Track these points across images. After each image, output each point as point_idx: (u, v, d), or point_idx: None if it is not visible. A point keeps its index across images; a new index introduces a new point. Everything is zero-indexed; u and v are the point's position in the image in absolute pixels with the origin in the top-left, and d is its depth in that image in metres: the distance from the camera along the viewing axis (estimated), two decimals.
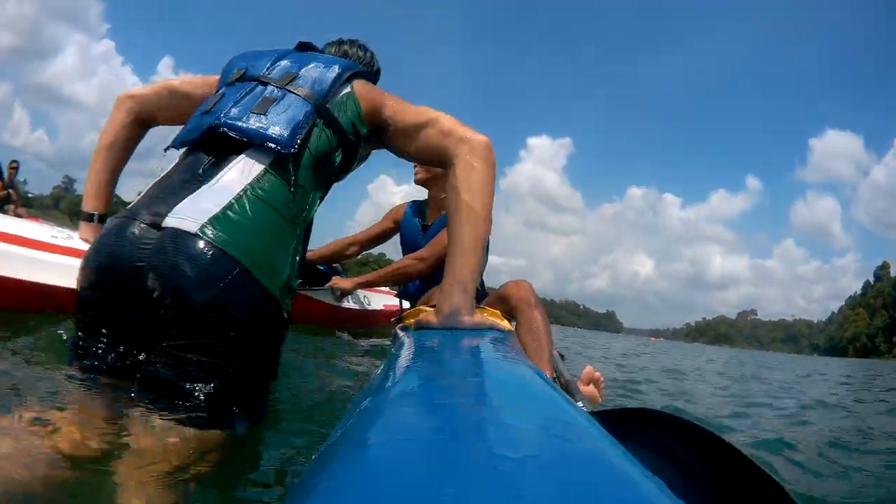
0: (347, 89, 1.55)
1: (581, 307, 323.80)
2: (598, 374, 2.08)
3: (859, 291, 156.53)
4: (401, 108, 1.55)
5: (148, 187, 1.37)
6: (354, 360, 2.38)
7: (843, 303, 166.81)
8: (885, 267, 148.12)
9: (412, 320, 1.30)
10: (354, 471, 0.35)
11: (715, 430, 0.57)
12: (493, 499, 0.29)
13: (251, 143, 1.36)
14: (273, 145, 1.36)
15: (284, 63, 1.56)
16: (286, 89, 1.48)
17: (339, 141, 1.53)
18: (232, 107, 1.43)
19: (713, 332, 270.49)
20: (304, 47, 1.69)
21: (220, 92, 1.53)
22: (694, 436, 0.59)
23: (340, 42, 1.91)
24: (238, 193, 1.27)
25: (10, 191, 10.88)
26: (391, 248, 3.16)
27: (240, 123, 1.38)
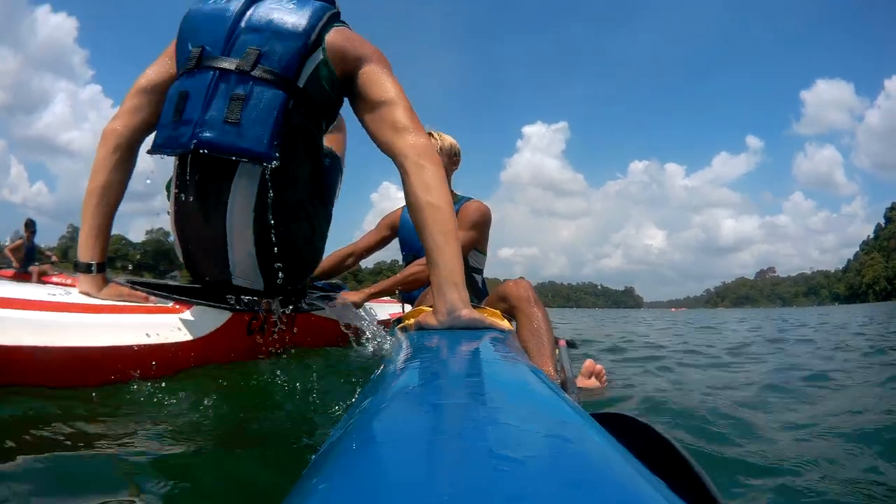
0: (319, 57, 1.53)
1: (599, 287, 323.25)
2: (599, 366, 2.07)
3: (872, 235, 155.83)
4: (369, 78, 1.54)
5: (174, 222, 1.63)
6: (355, 361, 2.38)
7: (858, 248, 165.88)
8: (894, 208, 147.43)
9: (412, 321, 1.30)
10: (354, 471, 0.35)
11: None
12: (493, 499, 0.29)
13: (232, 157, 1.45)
14: (255, 162, 1.45)
15: (244, 34, 1.51)
16: (251, 77, 1.46)
17: (317, 113, 1.58)
18: (202, 114, 1.45)
19: (734, 295, 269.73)
20: None
21: (183, 89, 1.50)
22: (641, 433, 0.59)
23: None
24: (252, 226, 1.55)
25: (32, 268, 10.85)
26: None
27: (217, 140, 1.43)
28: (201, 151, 1.44)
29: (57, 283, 10.53)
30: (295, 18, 1.52)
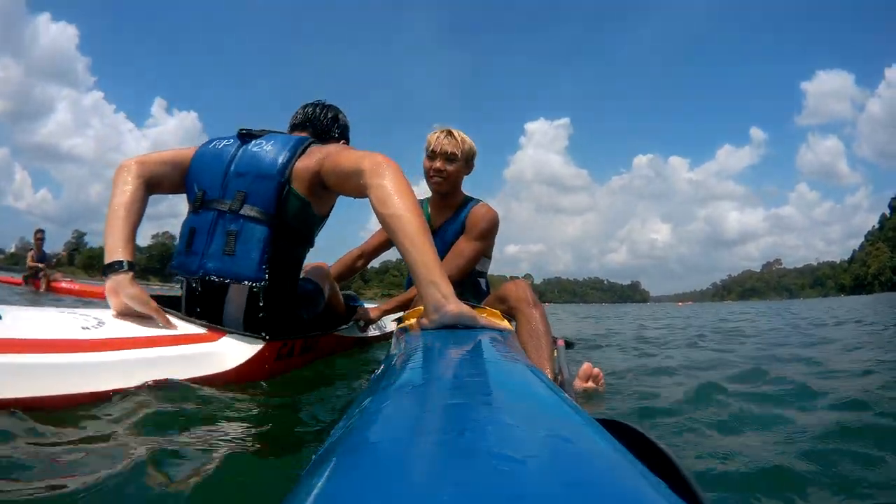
0: (287, 189, 1.85)
1: (605, 282, 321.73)
2: (596, 369, 2.06)
3: (877, 226, 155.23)
4: (332, 165, 1.78)
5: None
6: (356, 363, 2.39)
7: (863, 239, 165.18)
8: None
9: (412, 321, 1.30)
10: (354, 471, 0.35)
11: None
12: (493, 499, 0.29)
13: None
14: (249, 283, 1.81)
15: (232, 179, 1.87)
16: (241, 216, 1.82)
17: (295, 239, 1.94)
18: (206, 248, 1.85)
19: (740, 288, 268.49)
20: (246, 136, 1.98)
21: (192, 226, 1.90)
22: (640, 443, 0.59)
23: (305, 105, 2.30)
24: (244, 308, 1.90)
25: (40, 264, 11.30)
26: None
27: (218, 269, 1.82)
28: (207, 278, 1.83)
29: (66, 290, 10.84)
30: (270, 160, 1.86)
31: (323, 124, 2.25)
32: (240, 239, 1.81)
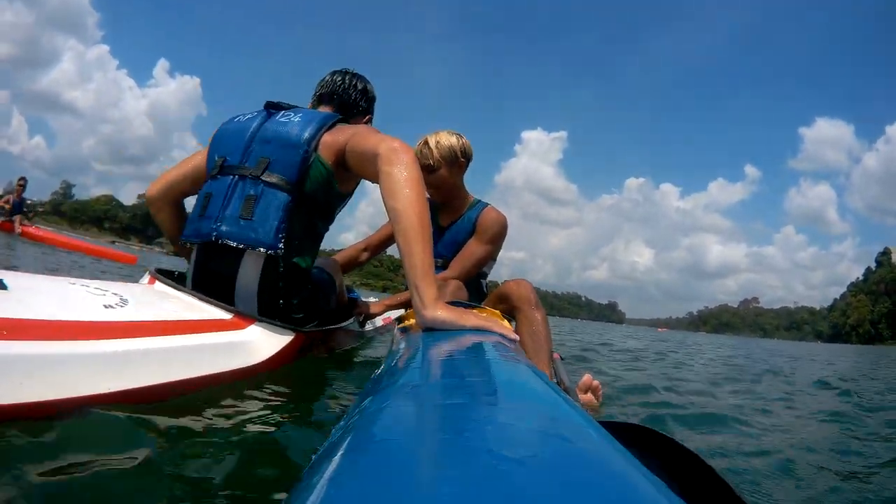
0: (313, 157, 1.79)
1: (583, 298, 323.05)
2: (596, 382, 2.06)
3: (861, 277, 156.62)
4: (355, 141, 1.72)
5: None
6: (354, 359, 2.38)
7: (845, 289, 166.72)
8: (886, 253, 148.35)
9: (412, 321, 1.29)
10: (354, 471, 0.35)
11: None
12: (493, 499, 0.29)
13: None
14: (263, 250, 1.72)
15: (256, 145, 1.84)
16: (262, 181, 1.77)
17: (315, 211, 1.86)
18: (222, 211, 1.78)
19: (716, 321, 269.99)
20: (272, 107, 1.96)
21: (208, 192, 1.85)
22: (665, 448, 0.59)
23: (334, 73, 2.23)
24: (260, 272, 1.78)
25: (16, 217, 11.99)
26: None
27: (233, 232, 1.75)
28: (220, 242, 1.75)
29: (39, 236, 11.25)
30: (297, 131, 1.81)
31: (350, 95, 2.19)
32: (259, 204, 1.75)
